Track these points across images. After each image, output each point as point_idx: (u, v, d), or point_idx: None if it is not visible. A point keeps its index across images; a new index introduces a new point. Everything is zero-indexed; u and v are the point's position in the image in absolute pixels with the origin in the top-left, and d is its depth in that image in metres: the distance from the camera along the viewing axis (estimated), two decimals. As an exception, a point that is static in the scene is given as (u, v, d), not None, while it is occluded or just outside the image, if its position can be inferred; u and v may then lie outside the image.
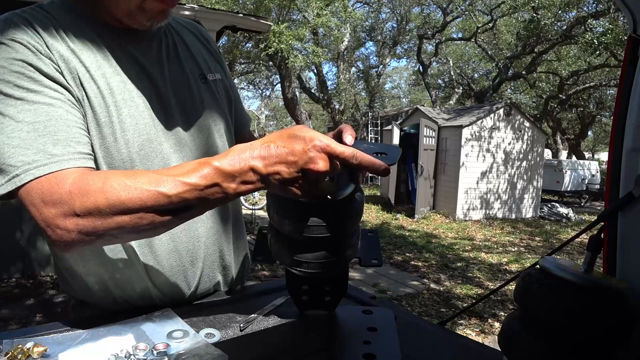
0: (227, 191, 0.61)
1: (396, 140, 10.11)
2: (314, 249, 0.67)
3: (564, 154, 22.60)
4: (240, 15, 5.29)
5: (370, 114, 16.69)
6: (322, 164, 0.58)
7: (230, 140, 0.97)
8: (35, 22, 0.72)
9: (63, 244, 0.62)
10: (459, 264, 5.88)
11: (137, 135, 0.78)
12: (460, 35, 19.21)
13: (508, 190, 10.36)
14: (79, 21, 0.77)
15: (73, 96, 0.71)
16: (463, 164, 9.65)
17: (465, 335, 2.13)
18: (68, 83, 0.71)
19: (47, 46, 0.71)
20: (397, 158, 0.64)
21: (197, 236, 0.89)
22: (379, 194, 12.50)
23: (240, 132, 1.06)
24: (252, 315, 0.82)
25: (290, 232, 0.67)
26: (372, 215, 9.77)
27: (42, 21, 0.74)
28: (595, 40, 10.92)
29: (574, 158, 18.91)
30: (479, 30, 16.25)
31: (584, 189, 13.63)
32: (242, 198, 9.98)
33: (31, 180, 0.62)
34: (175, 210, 0.62)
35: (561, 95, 15.99)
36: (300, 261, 0.67)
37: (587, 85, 16.22)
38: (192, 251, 0.88)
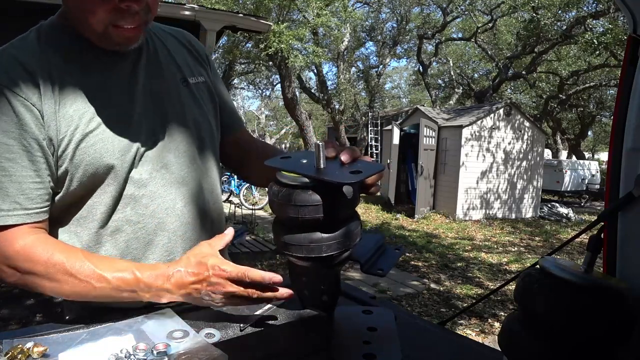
0: (142, 299, 0.75)
1: (396, 140, 10.10)
2: (300, 231, 0.66)
3: (564, 154, 22.58)
4: (240, 15, 5.29)
5: (370, 114, 16.67)
6: (220, 287, 0.71)
7: (211, 138, 0.98)
8: (22, 59, 0.77)
9: (4, 281, 0.77)
10: (459, 264, 5.88)
11: (116, 142, 0.81)
12: (460, 35, 19.21)
13: (508, 190, 10.36)
14: (64, 39, 0.83)
15: (39, 144, 0.76)
16: (463, 163, 9.64)
17: (465, 335, 2.13)
18: (43, 118, 0.76)
19: (33, 86, 0.76)
20: (371, 173, 0.65)
21: (196, 238, 0.91)
22: (378, 194, 12.49)
23: (230, 132, 1.08)
24: (252, 315, 0.82)
25: (278, 210, 0.67)
26: (372, 215, 9.77)
27: (29, 54, 0.78)
28: (595, 40, 10.92)
29: (574, 158, 18.89)
30: (479, 30, 16.23)
31: (584, 189, 13.63)
32: (242, 198, 9.74)
33: None
34: (97, 296, 0.75)
35: (561, 95, 15.98)
36: (288, 244, 0.67)
37: (587, 85, 16.21)
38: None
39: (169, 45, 0.96)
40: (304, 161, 0.69)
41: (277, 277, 0.71)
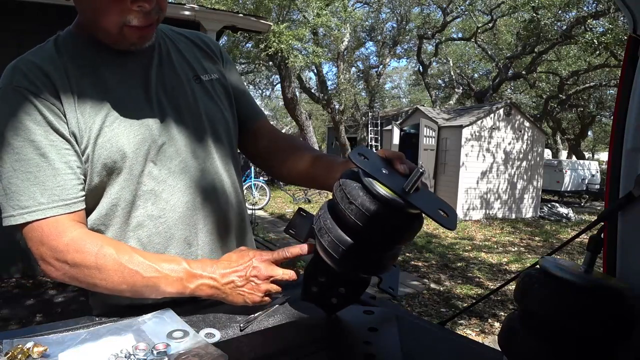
0: (185, 291, 0.78)
1: (396, 140, 10.10)
2: (356, 240, 0.67)
3: (564, 154, 22.57)
4: (240, 15, 5.29)
5: (370, 114, 16.67)
6: (263, 270, 0.78)
7: (227, 132, 0.99)
8: (40, 64, 0.81)
9: (49, 276, 0.79)
10: (459, 264, 5.88)
11: (132, 136, 0.84)
12: (460, 35, 19.19)
13: (508, 190, 10.35)
14: (79, 44, 0.86)
15: (65, 139, 0.80)
16: (463, 163, 9.64)
17: (465, 335, 2.13)
18: (65, 116, 0.80)
19: (52, 88, 0.80)
20: (455, 224, 0.65)
21: (216, 230, 0.94)
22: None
23: (252, 123, 1.08)
24: (252, 315, 0.82)
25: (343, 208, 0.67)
26: (372, 215, 9.74)
27: (48, 61, 0.82)
28: (595, 40, 10.91)
29: (574, 158, 18.88)
30: (479, 30, 16.21)
31: (584, 189, 13.61)
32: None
33: (28, 222, 0.77)
34: (144, 287, 0.77)
35: (561, 95, 15.97)
36: (336, 243, 0.68)
37: (587, 85, 16.20)
38: (191, 255, 0.90)
39: (180, 45, 0.99)
40: (384, 171, 0.67)
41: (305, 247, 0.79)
